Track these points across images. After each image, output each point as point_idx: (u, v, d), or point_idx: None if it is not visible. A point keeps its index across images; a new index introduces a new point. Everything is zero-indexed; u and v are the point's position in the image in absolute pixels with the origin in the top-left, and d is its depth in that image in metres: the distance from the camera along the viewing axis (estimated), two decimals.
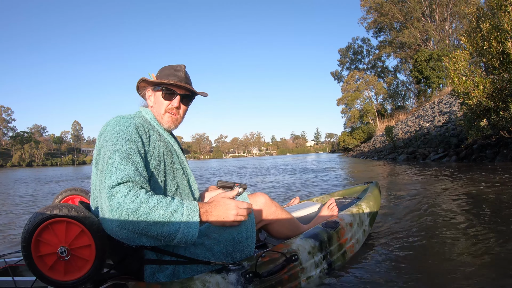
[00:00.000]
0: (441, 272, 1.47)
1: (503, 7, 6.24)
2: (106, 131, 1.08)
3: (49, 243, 0.91)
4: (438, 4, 27.42)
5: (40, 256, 0.90)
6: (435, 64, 24.09)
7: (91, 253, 0.93)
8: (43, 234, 0.91)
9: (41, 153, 74.18)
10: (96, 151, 1.08)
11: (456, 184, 4.36)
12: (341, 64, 40.94)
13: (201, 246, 1.11)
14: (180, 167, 1.25)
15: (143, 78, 1.24)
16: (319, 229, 1.45)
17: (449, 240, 1.91)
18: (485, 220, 2.34)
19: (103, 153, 1.04)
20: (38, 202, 5.50)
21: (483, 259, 1.59)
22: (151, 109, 1.26)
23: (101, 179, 1.00)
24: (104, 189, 0.96)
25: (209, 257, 1.11)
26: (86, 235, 0.92)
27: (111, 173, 0.97)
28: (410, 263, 1.58)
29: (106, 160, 1.00)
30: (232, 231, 1.13)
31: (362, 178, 6.85)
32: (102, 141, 1.07)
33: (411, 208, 2.96)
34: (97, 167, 1.06)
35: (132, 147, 1.04)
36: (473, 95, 6.88)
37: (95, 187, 1.07)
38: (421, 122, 16.37)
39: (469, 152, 8.55)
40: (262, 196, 1.31)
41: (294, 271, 1.24)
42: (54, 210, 0.92)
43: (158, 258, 1.07)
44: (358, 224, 1.72)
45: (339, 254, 1.49)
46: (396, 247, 1.82)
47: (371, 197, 2.01)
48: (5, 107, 73.83)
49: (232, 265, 1.11)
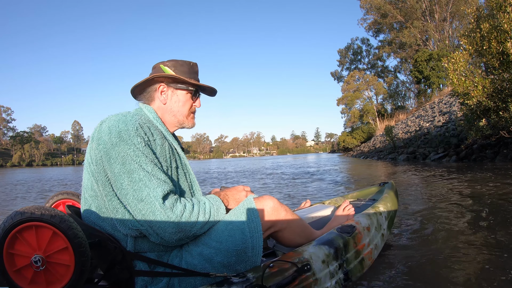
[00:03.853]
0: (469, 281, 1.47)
1: (502, 8, 6.24)
2: (110, 132, 0.97)
3: (23, 254, 0.83)
4: (437, 4, 27.41)
5: (17, 270, 0.82)
6: (435, 64, 24.08)
7: (70, 257, 0.84)
8: (15, 245, 0.83)
9: (41, 153, 74.16)
10: (97, 152, 0.98)
11: (456, 184, 4.36)
12: (341, 64, 40.95)
13: (199, 256, 1.01)
14: (183, 172, 1.13)
15: (167, 74, 1.12)
16: (333, 235, 1.31)
17: (465, 246, 1.91)
18: (486, 220, 2.34)
19: (120, 157, 0.94)
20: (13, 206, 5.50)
21: (484, 260, 1.60)
22: (164, 107, 1.15)
23: (136, 188, 0.93)
24: (148, 200, 0.92)
25: (208, 268, 1.00)
26: (60, 237, 0.84)
27: (150, 184, 0.93)
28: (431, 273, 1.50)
29: (133, 169, 0.93)
30: (235, 240, 1.02)
31: (366, 178, 6.85)
32: (109, 143, 0.96)
33: (415, 209, 2.96)
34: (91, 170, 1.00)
35: (150, 151, 0.98)
36: (472, 95, 6.89)
37: (87, 190, 1.02)
38: (421, 122, 16.37)
39: (469, 152, 8.55)
40: (270, 199, 1.15)
41: (307, 283, 1.10)
42: (16, 216, 0.83)
43: (150, 269, 0.99)
44: (376, 228, 1.56)
45: (356, 262, 1.34)
46: (415, 254, 1.71)
47: (388, 199, 1.84)
48: (5, 107, 73.92)
49: (235, 277, 0.99)
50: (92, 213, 1.01)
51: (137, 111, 1.11)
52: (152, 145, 1.00)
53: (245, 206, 1.09)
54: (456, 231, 2.11)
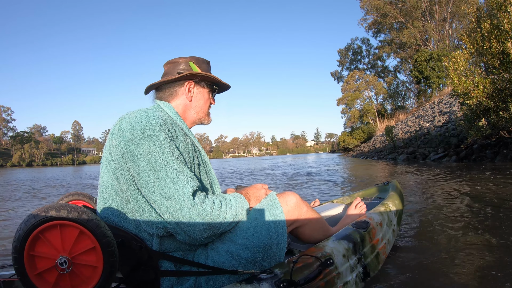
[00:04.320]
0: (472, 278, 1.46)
1: (503, 7, 6.24)
2: (133, 128, 0.94)
3: (46, 256, 0.77)
4: (437, 4, 27.42)
5: (38, 274, 0.76)
6: (435, 64, 24.09)
7: (97, 257, 0.79)
8: (36, 247, 0.76)
9: (41, 153, 74.17)
10: (118, 150, 0.95)
11: (456, 184, 4.36)
12: (341, 65, 40.96)
13: (226, 253, 1.00)
14: (204, 169, 1.11)
15: (200, 72, 1.13)
16: (350, 230, 1.34)
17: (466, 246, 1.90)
18: (486, 220, 2.33)
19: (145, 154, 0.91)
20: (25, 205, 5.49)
21: (484, 260, 1.59)
22: (188, 104, 1.15)
23: (163, 185, 0.90)
24: (177, 197, 0.90)
25: (235, 265, 0.99)
26: (87, 237, 0.79)
27: (179, 181, 0.91)
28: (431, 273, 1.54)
29: (159, 165, 0.91)
30: (261, 236, 1.02)
31: (367, 178, 6.84)
32: (131, 139, 0.93)
33: (416, 210, 2.95)
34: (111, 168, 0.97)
35: (174, 147, 0.96)
36: (473, 95, 6.88)
37: (106, 189, 0.98)
38: (421, 122, 16.36)
39: (469, 152, 8.55)
40: (292, 195, 1.16)
41: (330, 276, 1.11)
42: (39, 215, 0.76)
43: (176, 269, 0.97)
44: (388, 223, 1.61)
45: (372, 256, 1.38)
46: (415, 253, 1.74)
47: (395, 196, 1.91)
48: (5, 107, 73.93)
49: (262, 273, 0.98)
50: (113, 213, 0.97)
51: (155, 108, 1.07)
52: (176, 141, 0.98)
53: (269, 202, 1.10)
54: (456, 231, 2.11)
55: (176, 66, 1.16)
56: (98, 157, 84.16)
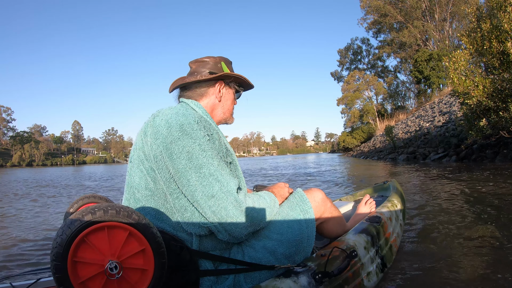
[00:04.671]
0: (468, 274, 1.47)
1: (503, 7, 6.24)
2: (170, 125, 0.92)
3: (92, 262, 0.70)
4: (437, 4, 27.42)
5: (83, 282, 0.69)
6: (435, 64, 24.09)
7: (147, 260, 0.75)
8: (80, 253, 0.69)
9: (41, 153, 74.17)
10: (154, 148, 0.92)
11: (456, 184, 4.36)
12: (341, 65, 40.96)
13: (262, 250, 1.01)
14: (234, 168, 1.11)
15: (234, 74, 1.15)
16: (366, 224, 1.41)
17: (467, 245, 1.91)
18: (486, 220, 2.34)
19: (185, 152, 0.90)
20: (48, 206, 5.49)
21: (484, 259, 1.59)
22: (218, 104, 1.15)
23: (206, 183, 0.89)
24: (220, 195, 0.90)
25: (272, 261, 1.00)
26: (137, 239, 0.74)
27: (222, 179, 0.91)
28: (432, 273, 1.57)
29: (201, 163, 0.90)
30: (294, 231, 1.05)
31: (369, 178, 6.84)
32: (169, 137, 0.91)
33: (416, 209, 2.95)
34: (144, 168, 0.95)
35: (213, 145, 0.95)
36: (473, 95, 6.89)
37: (138, 189, 0.95)
38: (421, 122, 16.37)
39: (469, 152, 8.55)
40: (319, 191, 1.22)
41: (356, 267, 1.18)
42: (85, 216, 0.70)
43: (215, 267, 0.96)
44: (396, 218, 1.70)
45: (387, 248, 1.47)
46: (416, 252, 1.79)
47: (397, 194, 2.01)
48: (5, 107, 73.91)
49: (297, 267, 1.01)
50: (148, 213, 0.95)
51: (186, 106, 1.05)
52: (211, 139, 0.97)
53: (298, 198, 1.13)
54: (456, 231, 2.11)
55: (206, 65, 1.14)
56: (98, 157, 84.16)
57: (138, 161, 0.96)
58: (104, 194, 6.64)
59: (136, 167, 0.96)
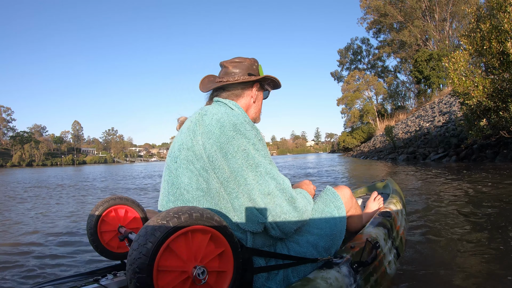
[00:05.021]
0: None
1: (503, 7, 6.24)
2: (222, 125, 0.93)
3: (176, 269, 0.66)
4: (437, 4, 27.42)
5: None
6: (435, 64, 24.08)
7: (227, 261, 0.73)
8: (163, 261, 0.65)
9: (41, 153, 74.15)
10: (208, 147, 0.91)
11: (456, 184, 4.36)
12: (341, 64, 40.94)
13: (306, 244, 1.06)
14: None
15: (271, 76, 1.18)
16: (380, 218, 1.50)
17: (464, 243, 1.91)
18: (486, 220, 2.34)
19: (241, 151, 0.91)
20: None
21: (486, 260, 1.60)
22: (252, 105, 1.16)
23: (262, 181, 0.91)
24: (276, 193, 0.92)
25: (315, 254, 1.06)
26: (218, 241, 0.72)
27: (278, 177, 0.95)
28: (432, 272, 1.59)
29: (258, 162, 0.92)
30: (331, 225, 1.11)
31: (369, 178, 6.85)
32: (222, 136, 0.91)
33: (415, 209, 2.96)
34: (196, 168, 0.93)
35: (262, 144, 0.98)
36: (473, 95, 6.89)
37: (188, 190, 0.93)
38: (421, 122, 16.37)
39: (469, 152, 8.55)
40: (346, 188, 1.28)
41: (380, 257, 1.27)
42: (169, 221, 0.65)
43: (266, 263, 0.97)
44: (401, 213, 1.79)
45: (399, 240, 1.57)
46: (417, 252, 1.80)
47: (397, 191, 2.13)
48: (5, 107, 73.89)
49: (335, 259, 1.07)
50: None
51: (226, 106, 1.06)
52: (261, 139, 1.00)
53: (330, 195, 1.19)
54: (456, 231, 2.11)
55: (242, 66, 1.14)
56: (98, 157, 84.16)
57: (187, 162, 0.94)
58: (119, 194, 6.65)
59: (185, 168, 0.94)
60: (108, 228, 1.27)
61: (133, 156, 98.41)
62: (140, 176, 13.15)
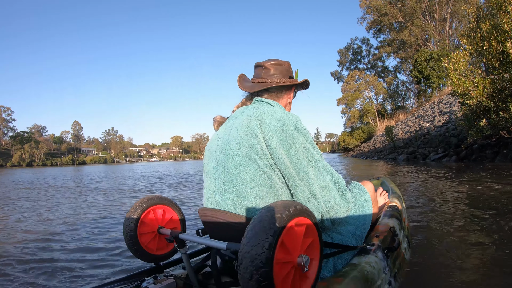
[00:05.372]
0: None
1: (502, 7, 6.24)
2: (284, 123, 0.98)
3: (286, 260, 0.69)
4: (437, 4, 27.43)
5: (282, 283, 0.67)
6: (435, 64, 24.09)
7: (316, 250, 0.78)
8: (278, 254, 0.67)
9: (41, 153, 74.13)
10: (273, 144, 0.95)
11: (456, 184, 4.36)
12: (341, 64, 40.95)
13: (347, 233, 1.13)
14: None
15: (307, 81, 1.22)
16: (391, 211, 1.60)
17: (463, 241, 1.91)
18: (486, 220, 2.34)
19: (302, 149, 0.97)
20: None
21: (485, 259, 1.60)
22: (287, 106, 1.22)
23: (320, 176, 0.98)
24: (331, 186, 0.99)
25: (354, 242, 1.13)
26: (310, 231, 0.76)
27: (332, 171, 1.02)
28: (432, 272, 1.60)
29: (317, 158, 0.99)
30: (364, 216, 1.20)
31: (370, 178, 6.86)
32: (283, 135, 0.96)
33: (415, 209, 2.96)
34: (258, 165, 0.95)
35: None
36: (473, 96, 6.89)
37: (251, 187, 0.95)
38: (421, 122, 16.37)
39: (469, 152, 8.55)
40: (370, 184, 1.37)
41: (400, 244, 1.38)
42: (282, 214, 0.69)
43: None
44: (403, 207, 1.91)
45: (406, 230, 1.68)
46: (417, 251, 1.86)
47: (394, 187, 2.22)
48: (5, 107, 73.85)
49: (368, 246, 1.15)
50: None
51: (271, 106, 1.09)
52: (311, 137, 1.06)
53: (358, 189, 1.27)
54: (456, 231, 2.12)
55: (282, 69, 1.17)
56: (98, 157, 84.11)
57: (249, 159, 0.96)
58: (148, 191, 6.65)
59: (246, 165, 0.96)
60: (147, 229, 1.21)
61: (133, 156, 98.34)
62: (151, 176, 13.13)
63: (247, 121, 1.00)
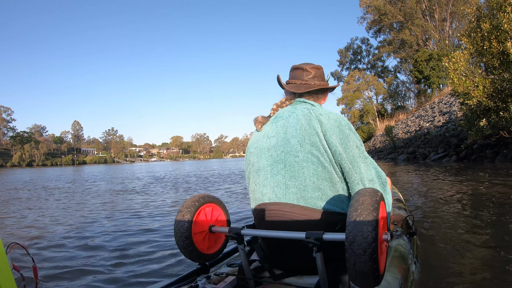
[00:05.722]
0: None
1: (502, 8, 6.24)
2: (341, 124, 1.09)
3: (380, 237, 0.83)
4: (437, 4, 27.42)
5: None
6: (435, 64, 24.07)
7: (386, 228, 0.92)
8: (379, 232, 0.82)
9: (41, 153, 74.15)
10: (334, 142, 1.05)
11: (456, 184, 4.36)
12: (341, 64, 40.93)
13: None
14: None
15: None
16: (399, 203, 1.72)
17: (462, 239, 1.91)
18: (486, 220, 2.34)
19: (354, 146, 1.09)
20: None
21: (485, 259, 1.60)
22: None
23: (368, 170, 1.09)
24: (375, 179, 1.11)
25: None
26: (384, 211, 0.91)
27: (376, 167, 1.13)
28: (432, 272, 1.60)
29: (365, 155, 1.11)
30: (388, 206, 1.23)
31: None
32: (340, 134, 1.08)
33: (415, 209, 2.96)
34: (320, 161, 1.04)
35: None
36: (473, 95, 6.89)
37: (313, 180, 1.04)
38: (421, 122, 16.37)
39: (469, 152, 8.55)
40: (387, 177, 1.43)
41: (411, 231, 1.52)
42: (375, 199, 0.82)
43: None
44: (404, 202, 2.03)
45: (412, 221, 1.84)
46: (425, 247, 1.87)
47: (394, 187, 2.27)
48: (5, 107, 73.85)
49: (394, 231, 1.32)
50: (328, 203, 1.07)
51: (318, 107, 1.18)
52: None
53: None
54: (456, 230, 2.11)
55: (321, 73, 1.27)
56: (98, 157, 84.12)
57: (311, 156, 1.05)
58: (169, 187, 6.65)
59: (309, 161, 1.05)
60: (199, 229, 1.19)
61: (133, 156, 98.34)
62: (160, 177, 13.13)
63: (306, 120, 1.08)
